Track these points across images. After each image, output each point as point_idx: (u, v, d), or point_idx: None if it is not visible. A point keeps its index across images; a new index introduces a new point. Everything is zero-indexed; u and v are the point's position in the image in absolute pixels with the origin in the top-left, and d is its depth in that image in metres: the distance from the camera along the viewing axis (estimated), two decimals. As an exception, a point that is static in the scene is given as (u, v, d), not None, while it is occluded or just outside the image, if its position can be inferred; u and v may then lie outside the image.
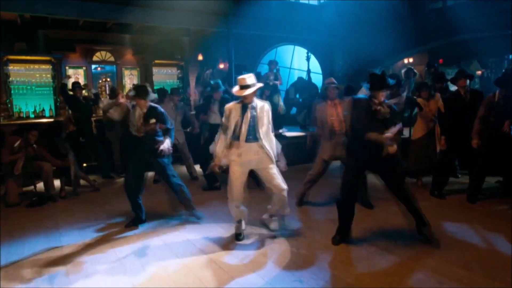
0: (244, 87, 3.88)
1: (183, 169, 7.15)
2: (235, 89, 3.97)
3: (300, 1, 10.16)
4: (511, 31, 7.25)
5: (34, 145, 5.70)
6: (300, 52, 12.35)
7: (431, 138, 5.75)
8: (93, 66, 10.11)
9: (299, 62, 13.32)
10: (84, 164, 7.12)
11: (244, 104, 3.95)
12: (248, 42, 10.02)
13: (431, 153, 5.75)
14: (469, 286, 3.07)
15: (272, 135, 4.13)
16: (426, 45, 9.32)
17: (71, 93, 7.14)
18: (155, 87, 10.28)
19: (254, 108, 3.97)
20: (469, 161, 5.36)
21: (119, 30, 9.22)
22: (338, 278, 3.27)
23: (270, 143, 4.06)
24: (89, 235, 4.39)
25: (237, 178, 4.01)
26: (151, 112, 4.52)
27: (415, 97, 6.03)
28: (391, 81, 3.79)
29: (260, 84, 4.05)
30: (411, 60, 11.66)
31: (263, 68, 10.65)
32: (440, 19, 8.10)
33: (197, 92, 9.71)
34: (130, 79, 10.60)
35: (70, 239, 4.25)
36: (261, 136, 3.97)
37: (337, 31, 9.74)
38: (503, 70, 6.34)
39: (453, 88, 6.07)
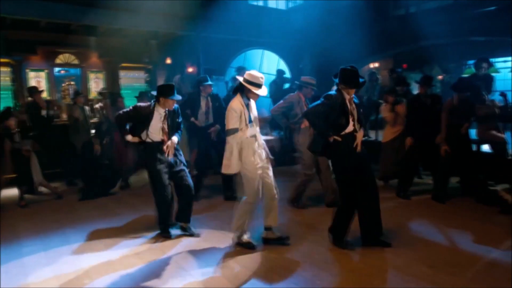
0: (262, 85, 3.72)
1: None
2: (257, 89, 3.67)
3: (269, 5, 10.24)
4: (469, 38, 7.62)
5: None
6: (269, 57, 12.43)
7: (402, 141, 5.88)
8: (56, 69, 9.73)
9: (268, 66, 13.39)
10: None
11: (246, 101, 3.76)
12: (217, 46, 9.98)
13: (401, 156, 5.86)
14: (433, 283, 3.16)
15: None
16: (391, 51, 9.62)
17: (30, 98, 6.82)
18: (122, 91, 10.07)
19: (250, 105, 3.85)
20: (432, 163, 5.54)
21: (84, 32, 8.93)
22: (307, 280, 3.28)
23: None
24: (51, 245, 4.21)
25: (256, 178, 3.74)
26: (174, 112, 4.28)
27: (380, 101, 6.19)
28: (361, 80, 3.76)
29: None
30: (376, 65, 11.99)
31: (232, 72, 10.62)
32: (403, 26, 8.39)
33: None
34: (95, 82, 10.28)
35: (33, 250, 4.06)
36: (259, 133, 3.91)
37: (306, 36, 9.88)
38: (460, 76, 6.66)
39: (415, 91, 6.30)
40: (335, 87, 3.83)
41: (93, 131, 6.81)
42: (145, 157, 4.23)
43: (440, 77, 11.73)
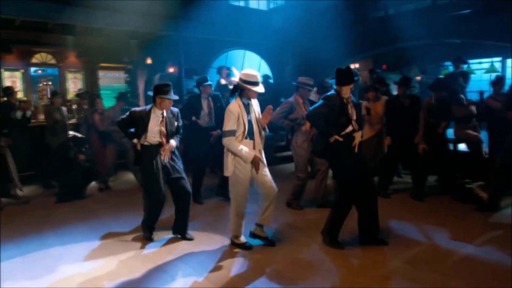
0: (258, 83, 3.74)
1: (130, 176, 6.93)
2: (255, 87, 3.69)
3: (250, 6, 10.25)
4: (445, 40, 7.81)
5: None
6: (251, 57, 12.44)
7: (380, 139, 5.98)
8: (33, 69, 9.49)
9: (250, 66, 13.39)
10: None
11: (245, 101, 3.76)
12: (198, 46, 9.92)
13: (379, 154, 5.96)
14: (412, 280, 3.22)
15: None
16: (371, 52, 9.77)
17: (4, 99, 6.60)
18: (101, 92, 9.89)
19: (251, 104, 3.83)
20: (411, 162, 5.66)
21: (61, 31, 8.72)
22: (288, 279, 3.29)
23: None
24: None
25: (245, 185, 3.77)
26: (173, 115, 4.16)
27: (361, 101, 6.26)
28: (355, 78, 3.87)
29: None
30: (357, 65, 12.15)
31: (214, 72, 10.58)
32: (382, 28, 8.54)
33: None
34: (74, 82, 10.07)
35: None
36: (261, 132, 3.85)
37: (287, 37, 9.93)
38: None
39: (394, 92, 6.41)
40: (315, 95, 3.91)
41: (71, 132, 6.65)
42: (141, 160, 4.08)
43: (418, 78, 11.99)
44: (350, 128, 3.75)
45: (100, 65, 10.07)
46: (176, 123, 4.20)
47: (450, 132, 6.07)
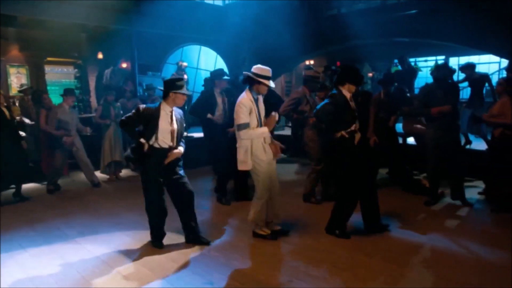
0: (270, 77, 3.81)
1: (82, 176, 6.64)
2: (268, 81, 3.77)
3: (205, 1, 10.12)
4: (394, 38, 8.16)
5: None
6: (207, 53, 12.32)
7: None
8: (-31, 63, 8.79)
9: (206, 62, 13.27)
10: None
11: (255, 96, 3.82)
12: (152, 42, 9.66)
13: None
14: (370, 271, 3.35)
15: None
16: (325, 49, 9.96)
17: None
18: (48, 88, 9.37)
19: (259, 99, 3.90)
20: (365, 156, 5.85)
21: (1, 22, 8.14)
22: (249, 276, 3.31)
23: None
24: None
25: (267, 173, 3.85)
26: (178, 113, 3.86)
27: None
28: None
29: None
30: (312, 62, 12.39)
31: (169, 68, 10.37)
32: (336, 26, 8.72)
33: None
34: (17, 78, 9.42)
35: None
36: None
37: (243, 33, 9.91)
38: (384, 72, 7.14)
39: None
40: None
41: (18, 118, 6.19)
42: (146, 162, 3.72)
43: (370, 74, 12.48)
44: (354, 126, 3.94)
45: (47, 60, 9.51)
46: (184, 125, 3.96)
47: (400, 127, 6.35)
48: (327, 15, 9.43)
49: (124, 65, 9.71)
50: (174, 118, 3.77)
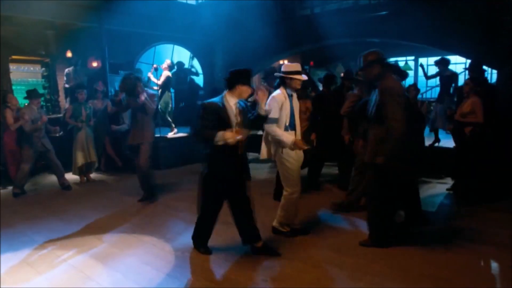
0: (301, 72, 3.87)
1: (50, 178, 6.43)
2: (299, 75, 3.83)
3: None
4: (366, 39, 8.31)
5: None
6: (180, 52, 12.17)
7: (308, 135, 6.12)
8: None
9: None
10: None
11: (289, 92, 3.89)
12: (123, 40, 9.44)
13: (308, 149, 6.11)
14: (339, 266, 3.40)
15: None
16: (298, 48, 10.04)
17: None
18: (14, 87, 9.01)
19: (294, 96, 3.96)
20: (337, 154, 5.92)
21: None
22: (224, 276, 3.29)
23: None
24: None
25: (297, 170, 3.92)
26: (246, 107, 3.60)
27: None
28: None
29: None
30: (286, 61, 12.47)
31: (142, 68, 10.16)
32: (309, 25, 8.80)
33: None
34: (-21, 76, 9.02)
35: None
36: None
37: (216, 32, 9.86)
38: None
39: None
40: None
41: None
42: (211, 162, 3.47)
43: (343, 74, 12.69)
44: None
45: (11, 58, 9.13)
46: (248, 116, 3.57)
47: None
48: (300, 14, 9.51)
49: (94, 64, 9.45)
50: (240, 109, 3.50)
